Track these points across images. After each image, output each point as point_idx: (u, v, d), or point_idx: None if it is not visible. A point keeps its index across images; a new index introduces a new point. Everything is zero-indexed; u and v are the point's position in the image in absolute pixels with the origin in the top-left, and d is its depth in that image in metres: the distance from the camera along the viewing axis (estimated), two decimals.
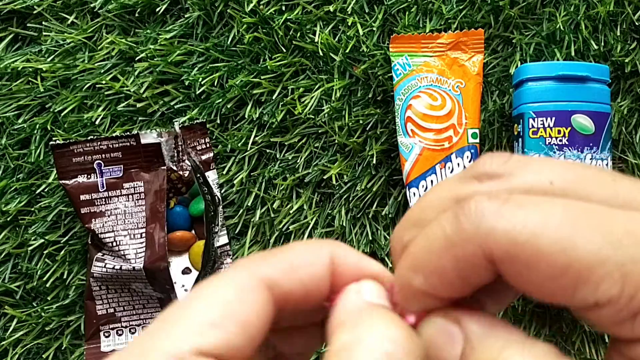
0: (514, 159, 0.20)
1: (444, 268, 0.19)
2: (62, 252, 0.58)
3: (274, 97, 0.58)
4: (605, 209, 0.18)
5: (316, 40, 0.57)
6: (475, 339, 0.19)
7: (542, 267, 0.18)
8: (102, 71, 0.59)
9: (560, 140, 0.52)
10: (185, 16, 0.59)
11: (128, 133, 0.57)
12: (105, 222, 0.56)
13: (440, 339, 0.20)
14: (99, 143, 0.56)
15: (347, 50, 0.57)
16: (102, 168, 0.57)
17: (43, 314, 0.57)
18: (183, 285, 0.58)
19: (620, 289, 0.17)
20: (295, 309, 0.21)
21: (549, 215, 0.18)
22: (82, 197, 0.56)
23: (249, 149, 0.58)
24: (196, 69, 0.58)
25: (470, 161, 0.54)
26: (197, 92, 0.58)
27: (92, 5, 0.59)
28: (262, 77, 0.58)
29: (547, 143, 0.52)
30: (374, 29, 0.57)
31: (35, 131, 0.59)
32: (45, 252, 0.58)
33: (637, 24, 0.57)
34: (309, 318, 0.23)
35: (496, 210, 0.18)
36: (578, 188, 0.19)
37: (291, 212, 0.58)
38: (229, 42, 0.59)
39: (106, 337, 0.57)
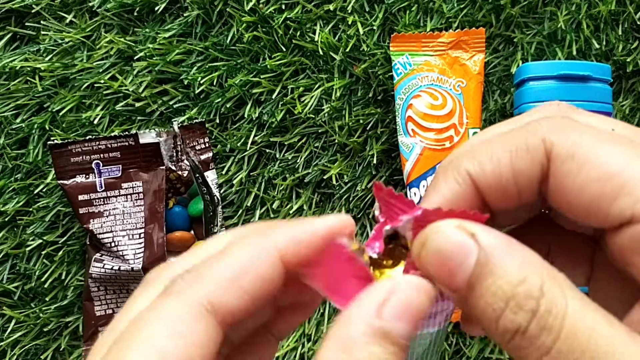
0: (579, 109, 0.22)
1: (499, 158, 0.20)
2: (61, 253, 0.57)
3: (273, 97, 0.58)
4: None
5: (316, 39, 0.57)
6: (493, 256, 0.18)
7: (593, 168, 0.19)
8: (101, 70, 0.58)
9: None
10: (184, 15, 0.59)
11: (127, 133, 0.56)
12: (104, 222, 0.56)
13: (454, 250, 0.19)
14: (97, 143, 0.56)
15: (348, 50, 0.57)
16: (101, 168, 0.56)
17: (41, 314, 0.57)
18: None
19: None
20: (255, 310, 0.20)
21: (614, 138, 0.19)
22: (81, 197, 0.56)
23: (248, 148, 0.58)
24: (195, 68, 0.58)
25: None
26: (196, 92, 0.58)
27: (90, 4, 0.59)
28: (261, 77, 0.58)
29: None
30: (375, 27, 0.57)
31: (34, 131, 0.58)
32: (43, 252, 0.58)
33: (638, 23, 0.57)
34: (288, 297, 0.23)
35: (569, 117, 0.20)
36: (636, 138, 0.20)
37: (291, 212, 0.58)
38: (228, 41, 0.58)
39: None
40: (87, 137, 0.56)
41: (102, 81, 0.58)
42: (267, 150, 0.58)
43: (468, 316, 0.23)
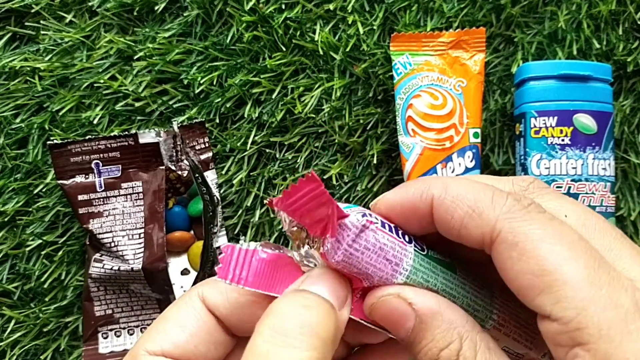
0: (549, 189, 0.25)
1: (463, 204, 0.23)
2: (60, 253, 0.57)
3: (273, 97, 0.58)
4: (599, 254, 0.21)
5: (316, 39, 0.57)
6: (425, 322, 0.23)
7: (530, 261, 0.21)
8: (100, 70, 0.58)
9: (563, 140, 0.52)
10: (184, 15, 0.59)
11: (126, 132, 0.56)
12: (104, 222, 0.56)
13: (396, 316, 0.23)
14: (97, 143, 0.56)
15: (348, 49, 0.57)
16: (100, 168, 0.56)
17: (41, 315, 0.57)
18: (182, 286, 0.58)
19: (574, 313, 0.20)
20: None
21: (560, 233, 0.21)
22: (80, 197, 0.56)
23: (248, 148, 0.58)
24: (195, 68, 0.58)
25: (471, 161, 0.54)
26: (196, 91, 0.58)
27: (90, 4, 0.59)
28: (261, 76, 0.57)
29: (549, 143, 0.52)
30: (375, 27, 0.57)
31: (33, 131, 0.58)
32: (43, 252, 0.58)
33: (639, 22, 0.57)
34: None
35: (530, 202, 0.23)
36: (585, 227, 0.23)
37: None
38: (228, 41, 0.58)
39: (104, 338, 0.57)
40: (87, 137, 0.56)
41: (101, 81, 0.58)
42: (267, 150, 0.58)
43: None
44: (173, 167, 0.57)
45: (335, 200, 0.23)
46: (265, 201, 0.58)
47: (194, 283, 0.56)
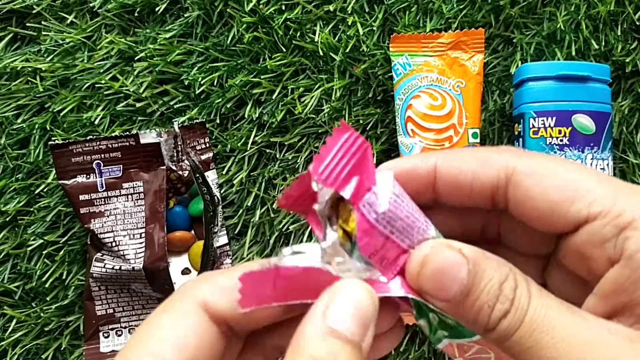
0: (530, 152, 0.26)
1: (467, 159, 0.24)
2: (62, 253, 0.58)
3: (273, 97, 0.58)
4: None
5: (316, 40, 0.57)
6: (479, 265, 0.22)
7: (554, 179, 0.22)
8: (102, 71, 0.59)
9: (561, 140, 0.52)
10: (185, 16, 0.59)
11: (127, 133, 0.56)
12: (105, 222, 0.56)
13: (451, 266, 0.22)
14: (98, 143, 0.56)
15: (347, 50, 0.57)
16: (102, 168, 0.56)
17: (42, 314, 0.57)
18: None
19: (610, 204, 0.21)
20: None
21: (565, 160, 0.23)
22: (82, 197, 0.56)
23: (248, 148, 0.58)
24: (196, 68, 0.58)
25: None
26: (197, 92, 0.58)
27: (91, 4, 0.59)
28: (261, 77, 0.58)
29: (547, 143, 0.52)
30: (374, 28, 0.57)
31: (35, 131, 0.59)
32: (44, 252, 0.58)
33: (637, 23, 0.57)
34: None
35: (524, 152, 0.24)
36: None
37: (291, 212, 0.58)
38: (228, 42, 0.58)
39: (105, 337, 0.57)
40: (88, 137, 0.56)
41: (102, 81, 0.58)
42: (268, 151, 0.59)
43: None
44: (174, 167, 0.58)
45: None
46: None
47: None
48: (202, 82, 0.58)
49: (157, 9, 0.58)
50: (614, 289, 0.21)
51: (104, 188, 0.56)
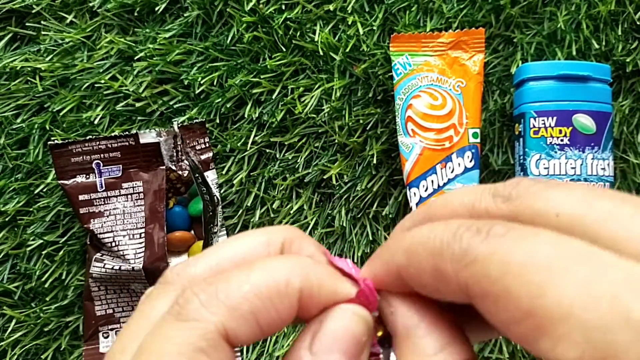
0: (538, 184, 0.19)
1: (424, 270, 0.19)
2: (61, 253, 0.58)
3: (273, 97, 0.58)
4: (605, 256, 0.16)
5: (316, 40, 0.57)
6: (398, 339, 0.20)
7: (508, 308, 0.17)
8: (101, 71, 0.59)
9: (562, 140, 0.52)
10: (185, 15, 0.59)
11: (127, 133, 0.56)
12: (104, 222, 0.56)
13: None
14: (97, 143, 0.56)
15: (347, 50, 0.57)
16: (101, 168, 0.56)
17: (42, 314, 0.57)
18: None
19: (579, 354, 0.15)
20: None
21: (530, 254, 0.17)
22: (81, 197, 0.56)
23: (248, 148, 0.58)
24: (195, 68, 0.58)
25: (471, 161, 0.54)
26: (197, 92, 0.58)
27: (91, 4, 0.59)
28: (261, 77, 0.58)
29: (548, 143, 0.52)
30: (374, 28, 0.57)
31: (34, 131, 0.58)
32: (44, 252, 0.58)
33: (638, 23, 0.57)
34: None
35: (489, 240, 0.17)
36: (587, 224, 0.17)
37: (291, 212, 0.58)
38: (228, 42, 0.58)
39: (105, 337, 0.57)
40: (88, 137, 0.56)
41: (102, 81, 0.58)
42: (267, 150, 0.58)
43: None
44: (173, 167, 0.58)
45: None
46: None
47: None
48: (201, 82, 0.58)
49: (156, 9, 0.58)
50: None
51: (104, 188, 0.56)
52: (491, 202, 0.20)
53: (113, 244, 0.56)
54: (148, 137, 0.56)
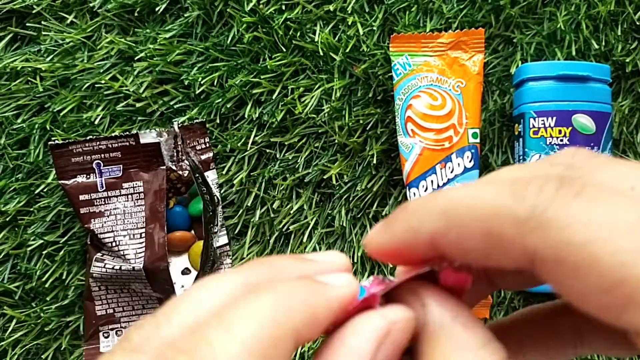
0: (600, 156, 0.18)
1: (471, 235, 0.17)
2: (62, 253, 0.58)
3: (273, 97, 0.58)
4: None
5: (316, 40, 0.57)
6: (431, 334, 0.18)
7: (591, 277, 0.15)
8: (102, 71, 0.59)
9: (561, 140, 0.52)
10: (185, 15, 0.59)
11: (127, 133, 0.56)
12: (105, 222, 0.56)
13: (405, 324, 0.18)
14: (98, 143, 0.56)
15: (347, 50, 0.57)
16: (102, 168, 0.56)
17: (42, 314, 0.57)
18: (182, 286, 0.58)
19: None
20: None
21: (617, 220, 0.15)
22: (82, 197, 0.56)
23: (248, 148, 0.58)
24: (196, 68, 0.58)
25: (470, 161, 0.54)
26: (197, 92, 0.58)
27: (91, 4, 0.59)
28: (261, 77, 0.58)
29: (548, 143, 0.52)
30: (374, 28, 0.57)
31: (34, 131, 0.59)
32: (44, 252, 0.58)
33: (638, 23, 0.57)
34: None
35: (560, 199, 0.16)
36: None
37: (291, 212, 0.58)
38: (228, 42, 0.58)
39: (105, 337, 0.57)
40: (88, 137, 0.56)
41: (102, 81, 0.58)
42: (268, 151, 0.58)
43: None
44: (174, 167, 0.58)
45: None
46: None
47: (194, 282, 0.57)
48: (202, 82, 0.58)
49: (157, 9, 0.58)
50: None
51: (104, 188, 0.56)
52: (551, 169, 0.17)
53: (113, 244, 0.56)
54: (148, 137, 0.56)
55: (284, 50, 0.58)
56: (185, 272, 0.59)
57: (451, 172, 0.54)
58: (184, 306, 0.17)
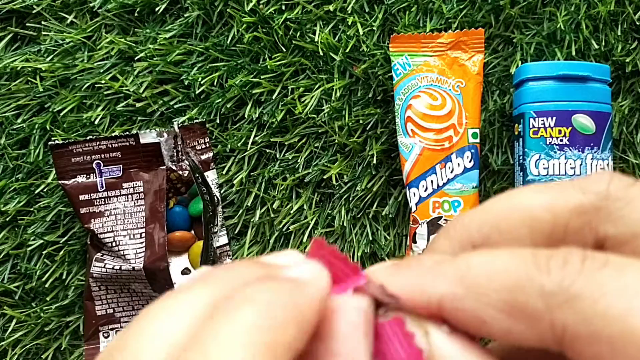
0: (637, 185, 0.17)
1: (491, 304, 0.16)
2: (62, 253, 0.58)
3: (273, 97, 0.58)
4: None
5: (316, 40, 0.57)
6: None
7: (630, 350, 0.14)
8: (102, 71, 0.59)
9: (561, 140, 0.52)
10: (185, 16, 0.59)
11: (127, 133, 0.56)
12: (105, 222, 0.56)
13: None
14: (98, 143, 0.56)
15: (347, 50, 0.57)
16: (102, 168, 0.56)
17: (42, 314, 0.57)
18: None
19: None
20: None
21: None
22: (82, 197, 0.56)
23: (248, 148, 0.58)
24: (196, 68, 0.58)
25: (470, 161, 0.54)
26: (197, 92, 0.58)
27: (91, 4, 0.59)
28: (261, 77, 0.58)
29: (547, 143, 0.52)
30: (374, 28, 0.57)
31: (35, 131, 0.59)
32: (44, 252, 0.58)
33: (637, 23, 0.57)
34: None
35: (588, 271, 0.15)
36: None
37: (291, 212, 0.58)
38: (228, 42, 0.58)
39: (105, 337, 0.57)
40: (88, 137, 0.56)
41: (102, 81, 0.58)
42: (268, 151, 0.59)
43: None
44: (174, 167, 0.58)
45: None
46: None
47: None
48: (202, 82, 0.58)
49: (157, 9, 0.59)
50: None
51: (104, 188, 0.56)
52: (584, 198, 0.17)
53: (113, 244, 0.56)
54: (148, 137, 0.56)
55: (284, 50, 0.58)
56: (185, 272, 0.59)
57: (451, 172, 0.54)
58: (136, 342, 0.14)
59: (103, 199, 0.56)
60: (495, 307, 0.15)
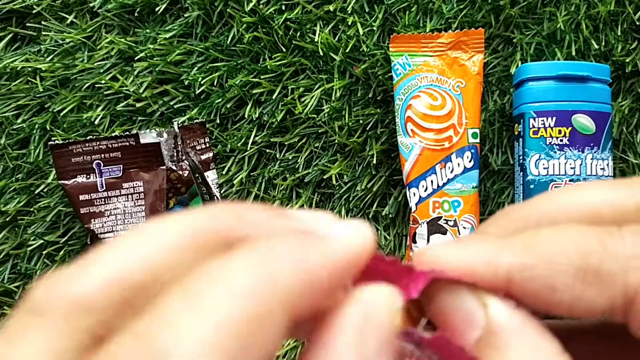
0: None
1: (562, 270, 0.16)
2: (62, 253, 0.58)
3: (273, 97, 0.58)
4: None
5: (316, 40, 0.57)
6: (499, 337, 0.16)
7: None
8: (102, 71, 0.59)
9: (561, 140, 0.52)
10: (185, 16, 0.59)
11: (127, 133, 0.56)
12: (105, 222, 0.56)
13: (458, 317, 0.16)
14: (98, 143, 0.56)
15: (347, 50, 0.57)
16: (102, 168, 0.56)
17: None
18: None
19: None
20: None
21: None
22: (82, 197, 0.56)
23: (248, 148, 0.58)
24: (196, 68, 0.58)
25: (470, 161, 0.54)
26: (197, 92, 0.58)
27: (91, 4, 0.59)
28: (261, 77, 0.58)
29: (547, 143, 0.52)
30: (374, 28, 0.57)
31: (35, 131, 0.59)
32: (44, 252, 0.58)
33: (637, 23, 0.57)
34: None
35: None
36: None
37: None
38: (228, 42, 0.58)
39: None
40: (88, 137, 0.56)
41: (102, 81, 0.58)
42: (268, 151, 0.59)
43: None
44: (174, 167, 0.58)
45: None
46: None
47: None
48: (202, 82, 0.58)
49: (157, 9, 0.59)
50: None
51: (104, 188, 0.56)
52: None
53: None
54: (148, 137, 0.56)
55: (284, 50, 0.58)
56: None
57: (451, 172, 0.54)
58: (106, 259, 0.13)
59: (103, 199, 0.56)
60: (566, 274, 0.16)
